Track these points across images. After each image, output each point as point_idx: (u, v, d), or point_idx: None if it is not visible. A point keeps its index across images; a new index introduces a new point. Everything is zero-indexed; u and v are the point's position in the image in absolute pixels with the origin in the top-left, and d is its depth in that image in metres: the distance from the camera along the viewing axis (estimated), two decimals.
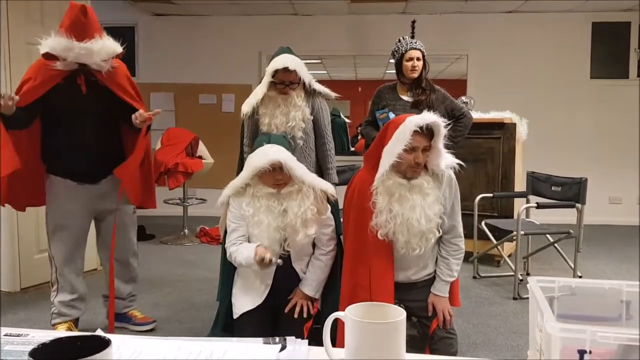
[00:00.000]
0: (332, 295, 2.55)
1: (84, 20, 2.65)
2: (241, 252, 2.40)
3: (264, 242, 2.36)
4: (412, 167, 2.26)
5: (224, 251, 2.65)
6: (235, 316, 2.54)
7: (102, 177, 2.91)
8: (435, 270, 2.50)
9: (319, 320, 2.51)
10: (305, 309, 2.49)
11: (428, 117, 2.21)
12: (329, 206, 2.51)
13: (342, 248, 2.58)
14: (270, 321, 2.52)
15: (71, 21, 2.64)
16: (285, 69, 2.68)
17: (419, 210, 2.24)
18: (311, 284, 2.52)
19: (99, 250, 3.17)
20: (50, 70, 2.68)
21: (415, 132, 2.21)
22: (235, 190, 2.46)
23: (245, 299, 2.53)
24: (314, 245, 2.55)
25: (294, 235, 2.36)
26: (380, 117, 3.58)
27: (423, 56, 3.58)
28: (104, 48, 2.69)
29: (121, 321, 3.14)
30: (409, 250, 2.33)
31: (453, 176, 2.39)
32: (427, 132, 2.23)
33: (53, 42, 2.63)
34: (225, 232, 2.59)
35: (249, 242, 2.46)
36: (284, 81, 2.73)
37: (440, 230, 2.34)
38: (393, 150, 2.22)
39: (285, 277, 2.50)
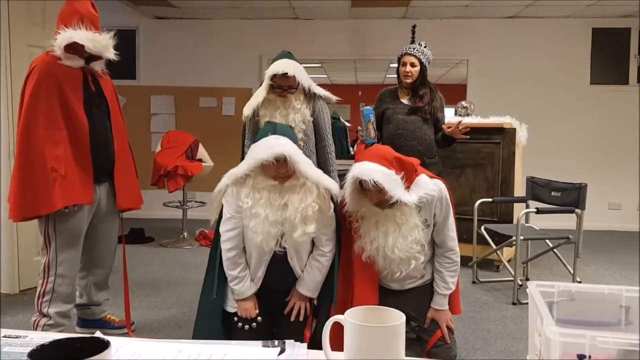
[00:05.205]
0: (330, 298, 2.52)
1: (95, 13, 2.72)
2: (238, 282, 2.41)
3: (258, 236, 2.27)
4: (377, 205, 2.27)
5: (215, 242, 2.59)
6: (231, 309, 2.48)
7: (104, 179, 2.90)
8: (432, 276, 2.51)
9: (316, 319, 2.51)
10: (302, 311, 2.47)
11: (367, 183, 2.18)
12: (332, 205, 2.43)
13: (339, 249, 2.57)
14: (267, 324, 2.49)
15: (84, 14, 2.65)
16: (284, 74, 2.69)
17: (391, 238, 2.26)
18: (308, 284, 2.47)
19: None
20: (65, 68, 2.67)
21: (362, 189, 2.25)
22: (235, 180, 2.38)
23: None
24: (313, 242, 2.49)
25: (291, 231, 2.28)
26: (360, 109, 3.54)
27: (421, 63, 3.57)
28: (110, 41, 2.75)
29: (99, 326, 3.00)
30: (389, 273, 2.36)
31: (444, 192, 2.36)
32: (375, 186, 2.18)
33: (78, 34, 2.60)
34: (219, 218, 2.52)
35: (243, 234, 2.40)
36: (282, 86, 2.75)
37: (423, 256, 2.35)
38: (347, 190, 2.27)
39: (280, 277, 2.45)
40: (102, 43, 2.68)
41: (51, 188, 2.60)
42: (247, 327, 2.41)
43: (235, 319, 2.44)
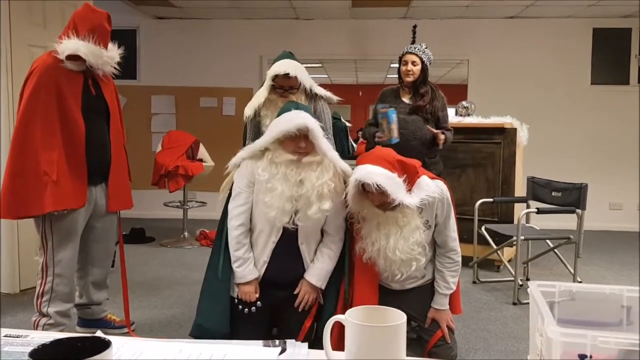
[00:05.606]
0: (335, 292, 2.50)
1: (108, 28, 2.72)
2: (240, 265, 2.38)
3: (272, 211, 2.25)
4: (379, 207, 2.27)
5: (223, 219, 2.55)
6: (234, 293, 2.47)
7: (101, 180, 2.90)
8: (433, 276, 2.51)
9: (320, 316, 2.48)
10: (309, 302, 2.44)
11: (369, 186, 2.16)
12: (345, 189, 2.39)
13: (347, 239, 2.54)
14: (268, 313, 2.48)
15: (95, 28, 2.65)
16: (285, 75, 2.69)
17: (393, 240, 2.25)
18: (319, 273, 2.42)
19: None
20: (66, 70, 2.67)
21: (364, 191, 2.22)
22: (253, 154, 2.37)
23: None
24: (322, 233, 2.46)
25: (306, 208, 2.26)
26: (381, 111, 3.51)
27: (422, 62, 3.57)
28: (116, 57, 2.78)
29: (100, 326, 2.97)
30: (390, 275, 2.36)
31: (445, 193, 2.35)
32: (378, 189, 2.17)
33: (84, 48, 2.62)
34: (228, 197, 2.50)
35: (252, 209, 2.38)
36: (284, 86, 2.75)
37: (424, 258, 2.35)
38: (350, 192, 2.25)
39: (286, 267, 2.42)
40: (104, 59, 2.71)
41: (42, 192, 2.61)
42: (246, 310, 2.41)
43: (237, 301, 2.44)
